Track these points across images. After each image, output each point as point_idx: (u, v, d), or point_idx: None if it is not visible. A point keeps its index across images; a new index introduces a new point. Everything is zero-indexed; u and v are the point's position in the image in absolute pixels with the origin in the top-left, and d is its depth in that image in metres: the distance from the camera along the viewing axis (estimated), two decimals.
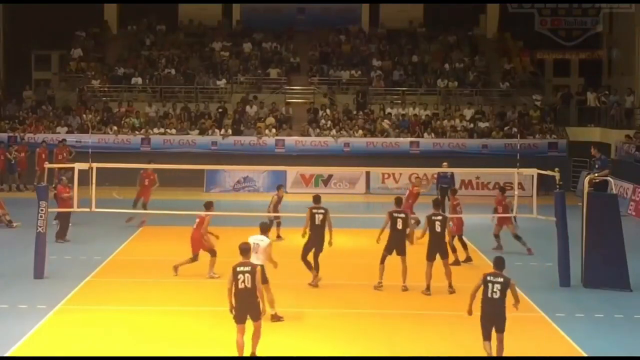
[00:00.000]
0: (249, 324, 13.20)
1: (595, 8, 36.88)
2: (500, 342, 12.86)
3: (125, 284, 18.71)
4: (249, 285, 12.96)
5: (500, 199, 22.27)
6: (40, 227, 18.78)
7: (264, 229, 15.58)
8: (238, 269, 13.05)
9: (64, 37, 40.72)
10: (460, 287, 17.31)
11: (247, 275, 12.98)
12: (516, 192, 20.41)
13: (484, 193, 32.57)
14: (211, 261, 18.86)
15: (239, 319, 13.08)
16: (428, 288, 17.89)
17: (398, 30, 42.49)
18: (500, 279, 12.90)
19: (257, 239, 15.26)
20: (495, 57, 41.08)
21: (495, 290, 12.78)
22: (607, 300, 17.78)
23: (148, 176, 25.41)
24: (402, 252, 18.06)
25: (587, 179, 19.40)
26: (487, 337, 12.94)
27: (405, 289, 18.02)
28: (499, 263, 13.20)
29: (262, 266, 14.03)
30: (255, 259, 14.63)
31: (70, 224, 23.18)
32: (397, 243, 18.04)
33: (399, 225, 18.01)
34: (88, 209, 19.73)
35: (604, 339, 15.15)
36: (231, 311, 13.10)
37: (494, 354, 12.93)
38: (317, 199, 18.68)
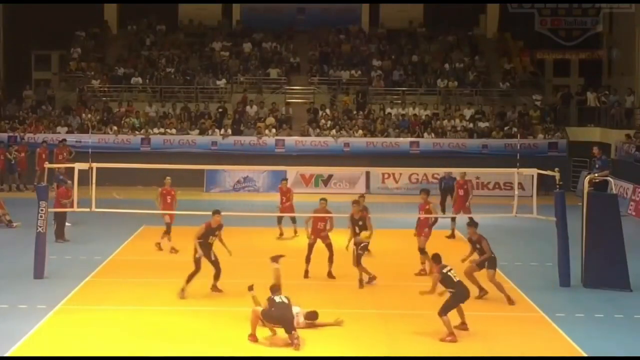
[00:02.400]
0: None
1: (595, 8, 36.86)
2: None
3: (125, 284, 18.70)
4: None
5: (423, 204, 20.25)
6: (40, 227, 18.78)
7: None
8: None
9: (64, 37, 40.73)
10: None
11: None
12: (516, 192, 20.38)
13: (484, 193, 32.52)
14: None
15: None
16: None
17: (398, 30, 42.49)
18: (450, 267, 15.27)
19: None
20: (495, 57, 41.07)
21: (454, 274, 15.11)
22: (607, 300, 17.77)
23: (169, 192, 22.18)
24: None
25: (587, 179, 19.40)
26: (447, 312, 14.81)
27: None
28: (439, 257, 15.34)
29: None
30: None
31: (69, 224, 23.19)
32: None
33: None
34: (88, 209, 19.72)
35: (604, 339, 15.14)
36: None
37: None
38: None
